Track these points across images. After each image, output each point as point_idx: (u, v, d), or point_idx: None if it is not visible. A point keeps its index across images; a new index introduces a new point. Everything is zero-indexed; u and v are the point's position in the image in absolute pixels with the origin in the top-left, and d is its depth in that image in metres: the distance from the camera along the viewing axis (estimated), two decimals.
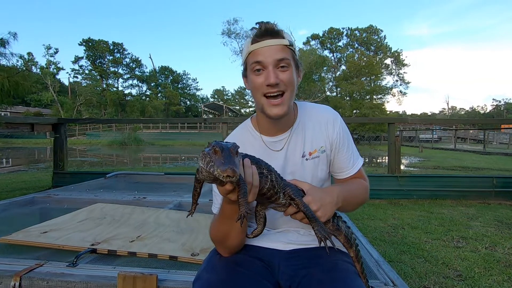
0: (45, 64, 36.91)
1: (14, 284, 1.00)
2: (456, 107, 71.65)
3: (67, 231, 1.49)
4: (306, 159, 0.96)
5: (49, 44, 37.65)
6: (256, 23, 0.89)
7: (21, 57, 32.59)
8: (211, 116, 42.80)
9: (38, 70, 35.64)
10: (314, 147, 0.96)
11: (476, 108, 66.51)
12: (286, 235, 0.96)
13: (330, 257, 0.89)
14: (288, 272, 0.88)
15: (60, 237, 1.41)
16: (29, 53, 34.46)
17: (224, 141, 1.02)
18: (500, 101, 58.23)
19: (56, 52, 37.60)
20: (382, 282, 1.02)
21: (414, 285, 1.86)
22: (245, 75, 0.94)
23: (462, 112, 68.45)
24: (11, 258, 1.18)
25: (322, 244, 0.79)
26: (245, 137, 1.00)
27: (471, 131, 27.53)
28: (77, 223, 1.65)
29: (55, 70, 38.28)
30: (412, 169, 8.54)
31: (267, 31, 0.87)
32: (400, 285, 1.00)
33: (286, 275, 0.88)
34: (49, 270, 1.07)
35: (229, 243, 0.86)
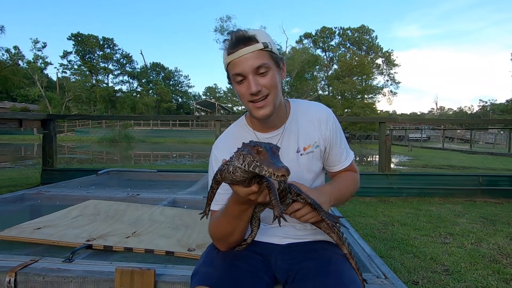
0: (33, 59, 35.97)
1: (9, 280, 0.99)
2: (444, 107, 73.22)
3: (61, 228, 1.48)
4: (301, 154, 0.98)
5: (37, 38, 36.77)
6: (227, 33, 0.90)
7: (7, 51, 31.75)
8: (203, 113, 42.54)
9: (25, 64, 34.73)
10: (308, 143, 0.99)
11: (464, 109, 68.10)
12: (282, 230, 0.98)
13: (325, 251, 0.92)
14: (285, 265, 0.90)
15: (54, 233, 1.40)
16: (15, 47, 33.52)
17: (218, 138, 1.04)
18: (486, 102, 59.78)
19: (44, 47, 36.74)
20: (374, 275, 1.06)
21: (403, 279, 1.92)
22: (230, 83, 0.96)
23: (450, 112, 69.92)
24: (5, 254, 1.16)
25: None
26: (240, 134, 1.02)
27: (458, 131, 28.18)
28: (71, 219, 1.63)
29: (42, 64, 37.39)
30: (401, 167, 8.71)
31: (238, 40, 0.86)
32: (392, 277, 1.03)
33: (282, 268, 0.90)
34: (45, 265, 1.06)
35: (231, 240, 0.88)
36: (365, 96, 37.34)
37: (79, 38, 40.76)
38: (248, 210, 0.80)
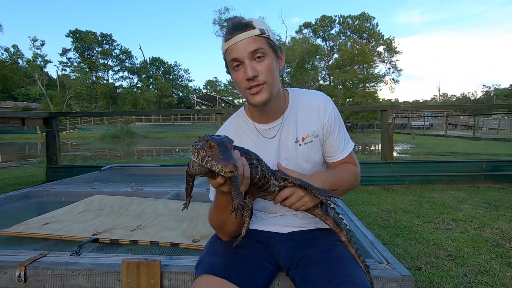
0: (32, 57, 35.93)
1: (19, 274, 1.01)
2: (447, 94, 72.52)
3: (68, 223, 1.51)
4: (300, 145, 0.98)
5: (35, 36, 36.73)
6: (224, 21, 0.90)
7: (6, 50, 31.70)
8: (204, 107, 42.45)
9: (25, 63, 34.71)
10: (307, 132, 0.98)
11: (467, 95, 67.38)
12: (284, 219, 0.99)
13: (326, 239, 0.93)
14: (287, 253, 0.92)
15: (61, 228, 1.42)
16: (14, 46, 33.44)
17: (218, 130, 1.04)
18: (490, 87, 59.05)
19: (42, 44, 36.62)
20: (376, 261, 1.07)
21: (407, 265, 1.94)
22: (228, 72, 0.95)
23: (453, 99, 69.24)
24: (14, 250, 1.19)
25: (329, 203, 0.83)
26: (239, 126, 1.02)
27: (461, 117, 27.94)
28: (77, 214, 1.66)
29: (42, 63, 37.33)
30: (404, 155, 8.69)
31: (235, 27, 0.87)
32: (394, 263, 1.04)
33: (285, 256, 0.92)
34: (53, 259, 1.08)
35: (227, 229, 0.89)
36: (367, 84, 36.95)
37: (78, 35, 40.55)
38: None
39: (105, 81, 42.32)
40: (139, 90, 43.76)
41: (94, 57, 42.50)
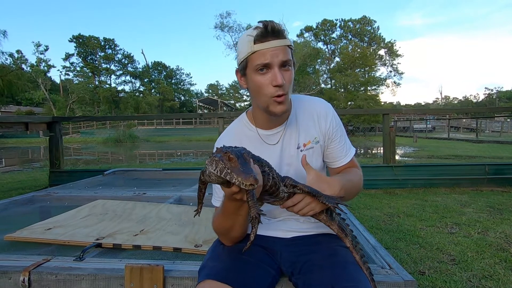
0: (36, 62, 36.31)
1: (23, 279, 1.02)
2: (449, 97, 72.27)
3: (71, 227, 1.52)
4: (301, 150, 0.98)
5: (39, 41, 37.19)
6: (259, 22, 0.88)
7: (10, 55, 32.08)
8: (205, 111, 42.53)
9: (29, 68, 35.09)
10: (308, 139, 0.99)
11: (469, 97, 67.17)
12: (286, 224, 1.00)
13: (329, 244, 0.93)
14: (290, 258, 0.92)
15: (64, 233, 1.43)
16: (18, 51, 33.87)
17: (220, 136, 1.05)
18: (492, 90, 58.97)
19: (46, 50, 37.11)
20: (379, 266, 1.07)
21: (410, 270, 1.93)
22: (244, 73, 0.92)
23: (455, 102, 69.05)
24: (18, 255, 1.20)
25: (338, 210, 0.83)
26: (242, 131, 1.03)
27: (464, 120, 27.85)
28: (80, 219, 1.67)
29: (45, 68, 37.72)
30: (406, 159, 8.66)
31: (273, 31, 0.85)
32: (396, 268, 1.04)
33: (287, 261, 0.92)
34: (57, 264, 1.09)
35: (232, 235, 0.90)
36: (368, 88, 36.89)
37: (81, 40, 40.95)
38: (242, 206, 0.79)
39: (107, 86, 42.58)
40: (141, 94, 44.03)
41: (97, 62, 42.85)
